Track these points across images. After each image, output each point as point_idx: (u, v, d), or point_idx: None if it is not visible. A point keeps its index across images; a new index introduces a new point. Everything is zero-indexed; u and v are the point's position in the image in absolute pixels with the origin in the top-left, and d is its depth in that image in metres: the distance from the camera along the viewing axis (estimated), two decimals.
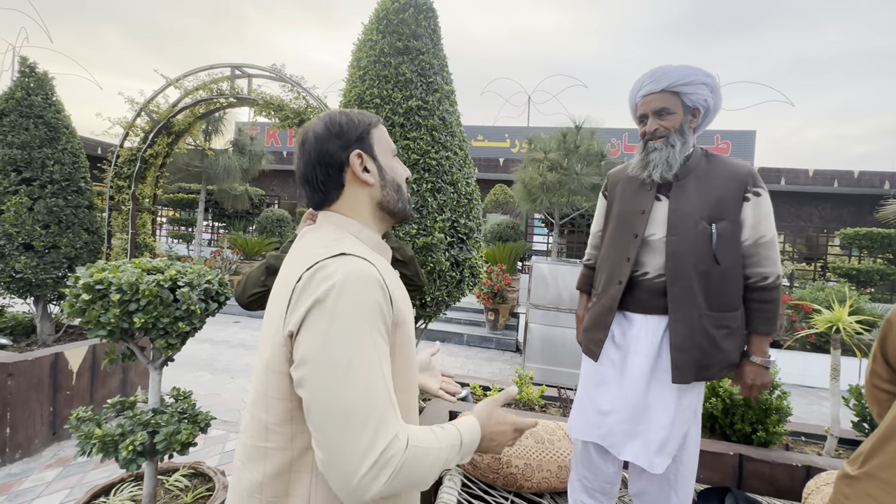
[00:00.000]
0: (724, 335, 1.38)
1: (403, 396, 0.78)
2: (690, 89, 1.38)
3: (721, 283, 1.37)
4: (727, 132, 14.07)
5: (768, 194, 1.40)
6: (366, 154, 0.82)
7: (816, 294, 6.41)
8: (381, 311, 0.70)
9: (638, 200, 1.47)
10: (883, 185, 11.59)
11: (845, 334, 2.29)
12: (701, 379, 1.38)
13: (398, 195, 0.86)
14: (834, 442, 2.24)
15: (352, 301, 0.67)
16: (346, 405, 0.64)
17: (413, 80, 2.26)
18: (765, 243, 1.39)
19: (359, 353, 0.66)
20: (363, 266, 0.70)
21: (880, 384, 1.05)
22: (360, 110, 0.90)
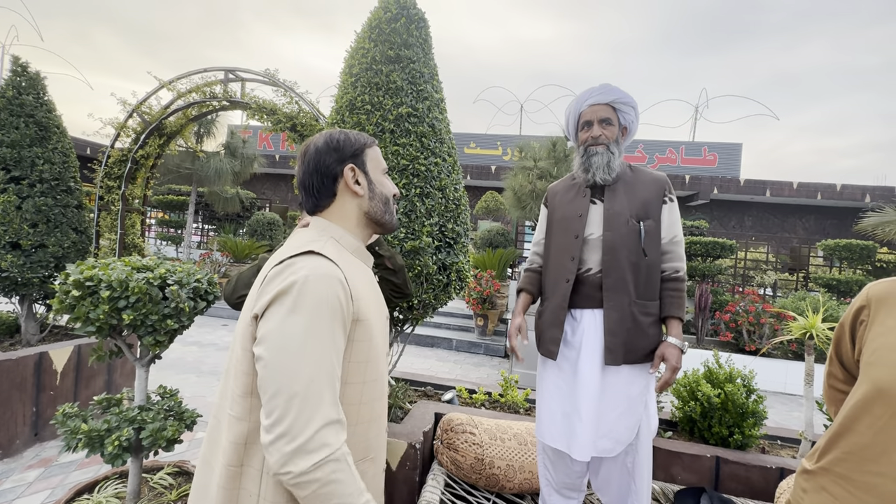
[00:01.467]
0: (650, 322, 1.55)
1: (357, 389, 0.85)
2: (625, 109, 1.60)
3: (648, 274, 1.56)
4: (714, 144, 14.37)
5: (677, 202, 1.65)
6: (359, 169, 0.94)
7: (798, 303, 6.56)
8: (339, 306, 0.77)
9: (575, 206, 1.65)
10: (864, 199, 11.91)
11: (818, 340, 2.37)
12: (629, 361, 1.53)
13: (385, 207, 0.97)
14: (808, 445, 2.30)
15: (311, 294, 0.75)
16: (291, 386, 0.71)
17: (404, 87, 2.32)
18: (677, 242, 1.61)
19: (311, 339, 0.73)
20: (326, 265, 0.79)
21: (836, 384, 1.11)
22: (358, 132, 0.99)
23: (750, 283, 9.97)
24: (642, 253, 1.54)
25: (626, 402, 1.53)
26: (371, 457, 0.90)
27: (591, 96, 1.62)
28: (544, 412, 1.65)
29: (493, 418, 2.18)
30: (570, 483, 1.69)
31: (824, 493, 0.96)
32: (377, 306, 0.93)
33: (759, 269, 10.50)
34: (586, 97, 1.63)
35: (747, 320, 6.31)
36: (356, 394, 0.85)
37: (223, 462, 0.80)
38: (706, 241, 7.92)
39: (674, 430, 2.52)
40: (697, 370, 2.58)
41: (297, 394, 0.71)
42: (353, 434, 0.84)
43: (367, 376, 0.86)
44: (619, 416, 1.52)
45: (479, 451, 1.91)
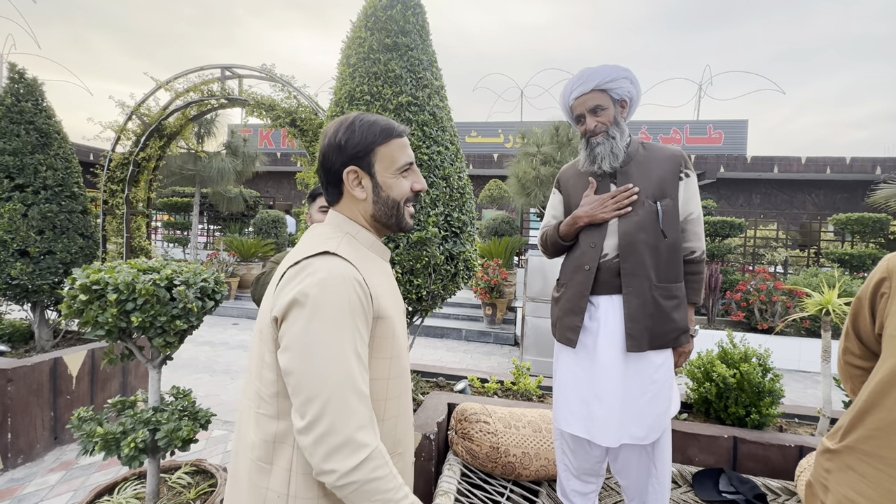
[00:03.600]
0: (674, 306, 1.50)
1: (383, 385, 0.84)
2: (615, 84, 1.52)
3: (668, 255, 1.50)
4: (719, 122, 14.13)
5: (696, 176, 1.57)
6: (362, 171, 0.87)
7: (810, 280, 6.48)
8: (359, 305, 0.76)
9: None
10: (875, 171, 11.67)
11: (835, 316, 2.33)
12: (655, 347, 1.48)
13: (392, 211, 0.90)
14: (826, 422, 2.27)
15: (330, 298, 0.74)
16: (323, 391, 0.71)
17: (403, 76, 2.28)
18: (693, 220, 1.56)
19: (336, 342, 0.73)
20: (342, 266, 0.77)
21: (853, 360, 1.08)
22: (376, 122, 0.89)
23: (760, 262, 9.86)
24: (661, 235, 1.48)
25: (654, 387, 1.49)
26: (400, 451, 0.90)
27: (574, 88, 1.56)
28: (561, 399, 1.62)
29: (507, 406, 2.17)
30: (590, 468, 1.67)
31: (851, 473, 0.94)
32: (395, 301, 0.91)
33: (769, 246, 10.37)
34: (569, 91, 1.58)
35: (759, 299, 6.25)
36: (382, 390, 0.84)
37: (252, 457, 0.80)
38: (714, 220, 7.82)
39: (689, 412, 2.50)
40: (711, 351, 2.54)
41: (330, 398, 0.71)
42: (381, 430, 0.84)
43: (392, 372, 0.86)
44: (649, 402, 1.48)
45: (493, 439, 1.91)
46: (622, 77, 1.52)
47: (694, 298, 1.58)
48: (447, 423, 2.17)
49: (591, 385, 1.52)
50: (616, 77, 1.51)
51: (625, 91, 1.53)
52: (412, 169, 0.93)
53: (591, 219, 1.53)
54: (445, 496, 1.68)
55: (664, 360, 1.51)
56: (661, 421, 1.49)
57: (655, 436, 1.48)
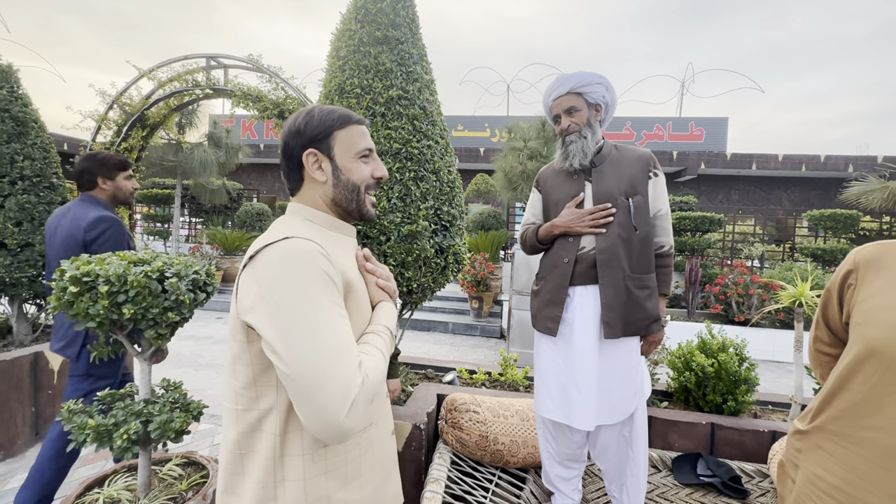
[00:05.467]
0: (646, 296, 1.60)
1: None
2: (589, 89, 1.63)
3: (640, 248, 1.60)
4: (701, 119, 14.41)
5: (664, 176, 1.68)
6: (321, 154, 0.88)
7: (785, 274, 6.71)
8: (327, 277, 0.76)
9: (568, 188, 1.69)
10: (847, 169, 12.09)
11: (807, 308, 2.44)
12: (628, 334, 1.58)
13: (352, 195, 0.91)
14: (797, 408, 2.39)
15: (296, 273, 0.74)
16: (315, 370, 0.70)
17: (393, 69, 2.28)
18: (661, 216, 1.67)
19: (313, 315, 0.72)
20: (301, 242, 0.77)
21: (822, 348, 1.15)
22: (335, 109, 0.92)
23: (738, 256, 10.15)
24: (633, 228, 1.59)
25: (622, 371, 1.59)
26: (374, 422, 0.92)
27: (552, 91, 1.68)
28: (541, 387, 1.70)
29: (495, 397, 2.22)
30: (571, 454, 1.75)
31: (819, 451, 1.00)
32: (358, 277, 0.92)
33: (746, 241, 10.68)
34: (549, 93, 1.70)
35: (736, 292, 6.45)
36: None
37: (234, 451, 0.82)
38: (695, 216, 8.01)
39: (669, 400, 2.59)
40: (691, 341, 2.64)
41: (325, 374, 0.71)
42: None
43: None
44: (618, 386, 1.59)
45: (483, 428, 1.95)
46: (596, 83, 1.63)
47: (664, 289, 1.69)
48: (437, 413, 2.21)
49: (569, 372, 1.61)
50: (590, 82, 1.63)
51: (599, 96, 1.65)
52: (372, 156, 0.94)
53: (568, 230, 1.64)
54: (436, 483, 1.72)
55: (635, 347, 1.62)
56: (629, 402, 1.59)
57: (622, 417, 1.58)
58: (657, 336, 1.66)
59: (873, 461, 0.89)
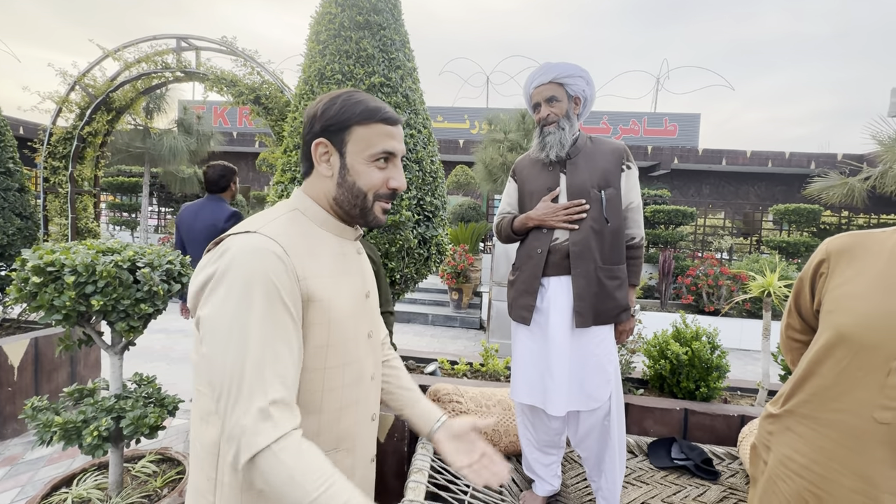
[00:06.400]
0: (617, 286, 1.63)
1: (318, 375, 0.77)
2: (571, 81, 1.63)
3: (612, 239, 1.63)
4: (674, 115, 14.75)
5: (637, 169, 1.70)
6: (332, 146, 0.80)
7: (752, 265, 6.98)
8: (274, 283, 0.69)
9: (544, 179, 1.69)
10: (810, 165, 12.61)
11: (775, 298, 2.55)
12: (598, 323, 1.61)
13: (355, 201, 0.81)
14: (764, 393, 2.50)
15: (239, 272, 0.68)
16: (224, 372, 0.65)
17: (375, 55, 2.23)
18: (633, 209, 1.69)
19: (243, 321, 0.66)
20: (258, 240, 0.71)
21: (794, 335, 1.20)
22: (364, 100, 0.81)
23: (708, 248, 10.50)
24: (605, 220, 1.61)
25: (594, 360, 1.63)
26: (346, 447, 0.83)
27: (535, 79, 1.67)
28: (518, 374, 1.73)
29: (477, 387, 2.24)
30: (550, 440, 1.79)
31: (790, 433, 1.05)
32: (347, 284, 0.83)
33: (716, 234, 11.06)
34: (531, 80, 1.68)
35: (707, 283, 6.67)
36: (317, 380, 0.78)
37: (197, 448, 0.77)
38: (668, 209, 8.23)
39: (645, 388, 2.66)
40: (666, 331, 2.72)
41: (231, 380, 0.65)
42: (319, 424, 0.78)
43: (331, 361, 0.78)
44: (590, 374, 1.62)
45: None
46: (578, 76, 1.63)
47: (634, 280, 1.73)
48: None
49: (544, 359, 1.64)
50: (573, 74, 1.63)
51: (579, 89, 1.65)
52: (393, 162, 0.83)
53: (542, 223, 1.65)
54: (420, 473, 1.72)
55: (605, 336, 1.65)
56: (602, 390, 1.63)
57: (596, 404, 1.62)
58: (628, 325, 1.71)
59: (840, 442, 0.93)
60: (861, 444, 0.89)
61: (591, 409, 1.63)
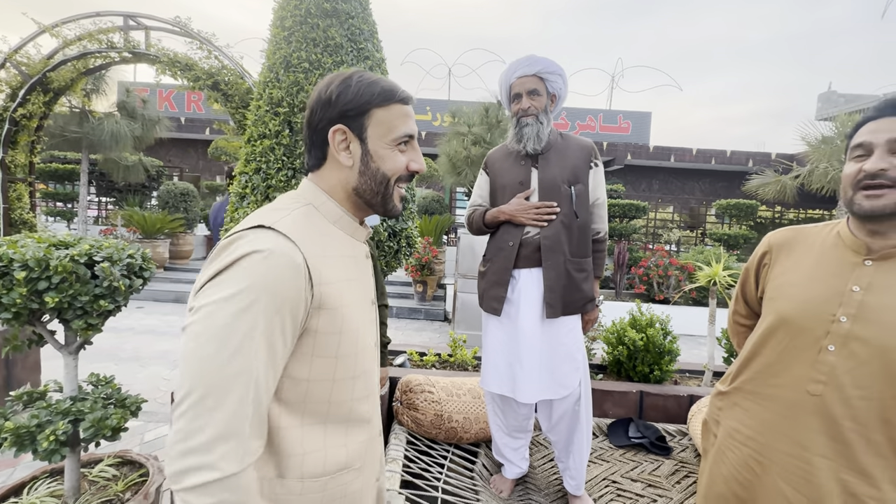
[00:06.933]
0: (583, 278, 1.72)
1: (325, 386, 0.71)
2: (552, 77, 1.68)
3: (580, 233, 1.71)
4: (628, 112, 15.38)
5: (603, 166, 1.78)
6: (351, 133, 0.74)
7: (697, 257, 7.47)
8: (287, 296, 0.63)
9: (516, 173, 1.74)
10: (748, 163, 13.57)
11: (720, 287, 2.76)
12: (566, 313, 1.69)
13: (378, 188, 0.77)
14: (710, 375, 2.72)
15: (249, 277, 0.61)
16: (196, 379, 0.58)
17: (343, 45, 2.19)
18: (599, 204, 1.78)
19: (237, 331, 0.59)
20: (275, 241, 0.64)
21: (740, 320, 1.32)
22: (378, 80, 0.76)
23: (658, 241, 11.11)
24: (574, 215, 1.68)
25: (563, 349, 1.70)
26: (357, 467, 0.76)
27: (519, 68, 1.68)
28: (488, 363, 1.78)
29: (447, 377, 2.29)
30: (519, 425, 1.86)
31: (737, 408, 1.16)
32: (358, 291, 0.77)
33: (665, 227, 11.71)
34: (514, 69, 1.69)
35: (657, 273, 7.08)
36: (324, 391, 0.71)
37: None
38: (623, 203, 8.62)
39: (604, 373, 2.82)
40: (623, 319, 2.88)
41: (199, 390, 0.57)
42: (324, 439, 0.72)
43: (340, 373, 0.72)
44: (560, 362, 1.70)
45: (438, 407, 2.01)
46: (558, 73, 1.68)
47: (598, 272, 1.82)
48: (390, 395, 2.22)
49: (514, 349, 1.70)
50: (554, 71, 1.67)
51: (557, 87, 1.70)
52: (412, 144, 0.79)
53: (512, 219, 1.69)
54: (394, 462, 1.75)
55: (573, 326, 1.74)
56: (570, 378, 1.71)
57: (566, 392, 1.70)
58: (592, 315, 1.80)
59: (780, 413, 1.04)
60: (796, 414, 1.01)
61: (562, 396, 1.70)
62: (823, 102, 10.05)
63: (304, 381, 0.69)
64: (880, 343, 0.91)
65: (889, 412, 0.91)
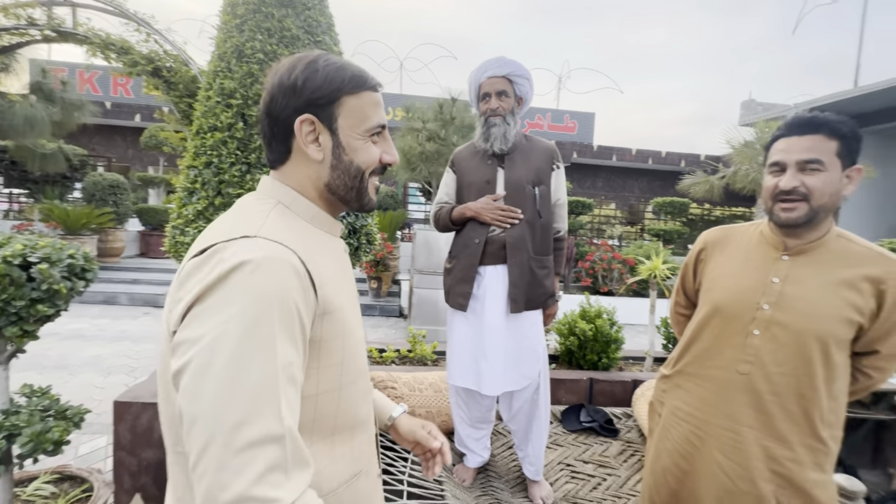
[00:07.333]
0: (545, 275, 1.81)
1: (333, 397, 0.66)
2: (521, 81, 1.73)
3: (542, 232, 1.79)
4: (574, 113, 16.03)
5: (564, 169, 1.87)
6: (321, 123, 0.67)
7: (637, 251, 7.99)
8: (293, 304, 0.56)
9: (482, 172, 1.79)
10: (680, 164, 14.63)
11: (659, 279, 2.99)
12: (530, 308, 1.77)
13: (353, 182, 0.71)
14: (651, 360, 2.94)
15: (250, 288, 0.54)
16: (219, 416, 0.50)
17: (300, 37, 2.14)
18: (560, 204, 1.87)
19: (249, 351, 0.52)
20: (270, 248, 0.57)
21: (680, 310, 1.46)
22: (346, 65, 0.70)
23: (602, 236, 11.74)
24: (538, 215, 1.76)
25: (527, 342, 1.79)
26: (364, 470, 0.73)
27: (489, 69, 1.72)
28: (454, 358, 1.84)
29: (408, 372, 2.31)
30: (481, 416, 1.94)
31: (679, 389, 1.29)
32: (347, 288, 0.73)
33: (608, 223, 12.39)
34: (484, 69, 1.74)
35: (602, 267, 7.49)
36: (332, 403, 0.66)
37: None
38: (571, 200, 9.02)
39: (556, 363, 2.97)
40: (574, 311, 3.04)
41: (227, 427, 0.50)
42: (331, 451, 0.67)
43: (344, 379, 0.68)
44: (524, 355, 1.78)
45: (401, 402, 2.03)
46: (526, 78, 1.73)
47: (558, 269, 1.92)
48: None
49: (479, 344, 1.76)
50: (523, 75, 1.72)
51: (524, 90, 1.76)
52: (384, 135, 0.74)
53: (477, 216, 1.74)
54: None
55: (536, 320, 1.82)
56: (531, 370, 1.80)
57: (527, 382, 1.79)
58: (553, 309, 1.91)
59: (714, 391, 1.18)
60: (728, 391, 1.14)
61: (523, 387, 1.79)
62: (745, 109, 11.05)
63: (313, 396, 0.63)
64: (796, 327, 1.06)
65: (802, 386, 1.06)
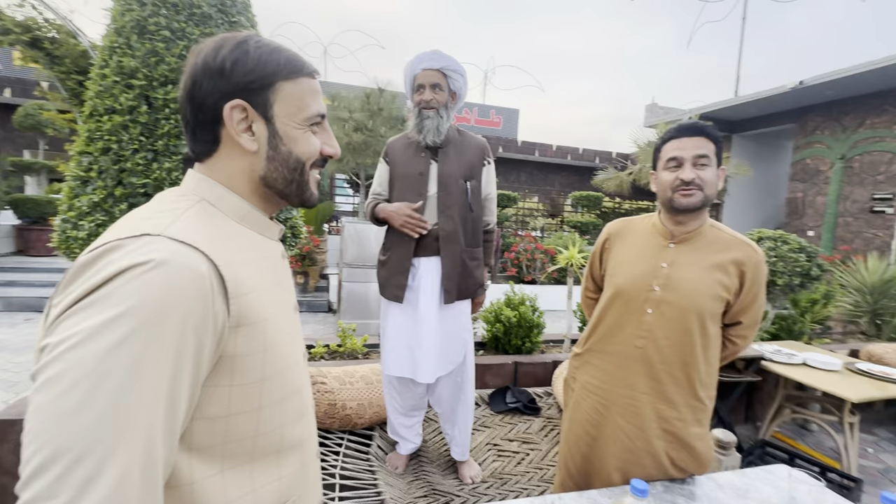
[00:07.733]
0: (476, 266, 1.91)
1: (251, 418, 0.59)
2: (455, 75, 1.79)
3: (473, 225, 1.88)
4: (500, 108, 16.57)
5: (494, 164, 1.97)
6: (254, 110, 0.61)
7: (557, 242, 8.54)
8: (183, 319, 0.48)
9: (415, 164, 1.82)
10: (595, 160, 15.80)
11: (576, 268, 3.25)
12: (461, 298, 1.86)
13: (292, 175, 0.65)
14: (569, 342, 3.20)
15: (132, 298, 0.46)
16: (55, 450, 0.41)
17: (212, 15, 1.99)
18: (490, 199, 1.97)
19: (108, 375, 0.43)
20: (176, 252, 0.50)
21: (590, 294, 1.62)
22: (280, 48, 0.64)
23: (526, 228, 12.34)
24: (469, 208, 1.83)
25: (456, 330, 1.88)
26: (294, 499, 0.66)
27: (424, 61, 1.75)
28: (389, 348, 1.87)
29: (338, 366, 2.29)
30: (414, 404, 1.99)
31: (588, 365, 1.44)
32: (279, 296, 0.65)
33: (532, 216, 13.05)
34: (420, 61, 1.76)
35: (526, 257, 7.90)
36: (249, 425, 0.59)
37: None
38: (498, 193, 9.36)
39: (484, 349, 3.11)
40: (499, 299, 3.20)
41: (66, 455, 0.41)
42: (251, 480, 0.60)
43: (266, 399, 0.60)
44: (452, 342, 1.87)
45: (331, 397, 2.02)
46: (460, 73, 1.78)
47: (487, 260, 2.03)
48: None
49: (414, 333, 1.82)
50: (457, 70, 1.77)
51: (458, 86, 1.81)
52: (324, 125, 0.68)
53: (389, 220, 1.78)
54: None
55: (465, 309, 1.92)
56: (458, 355, 1.90)
57: (454, 366, 1.89)
58: (481, 298, 2.00)
59: (616, 364, 1.33)
60: (628, 363, 1.30)
61: (450, 371, 1.87)
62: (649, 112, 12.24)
63: (223, 418, 0.56)
64: (680, 304, 1.23)
65: (685, 354, 1.24)
